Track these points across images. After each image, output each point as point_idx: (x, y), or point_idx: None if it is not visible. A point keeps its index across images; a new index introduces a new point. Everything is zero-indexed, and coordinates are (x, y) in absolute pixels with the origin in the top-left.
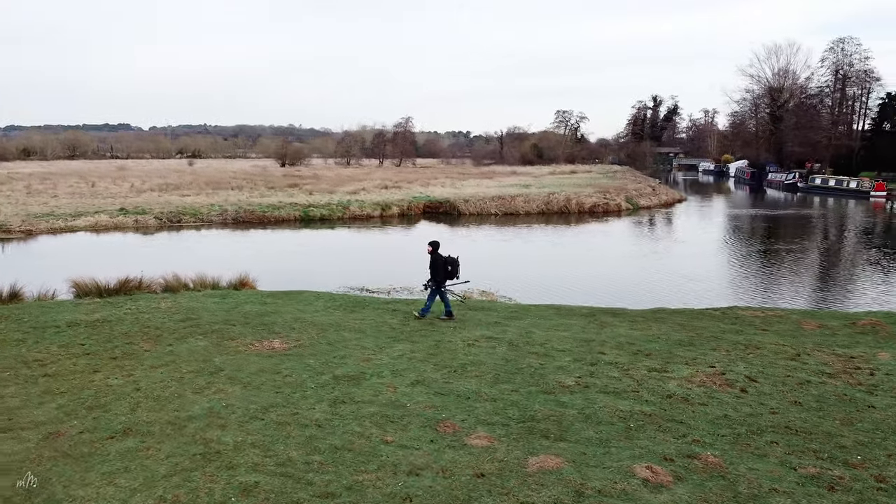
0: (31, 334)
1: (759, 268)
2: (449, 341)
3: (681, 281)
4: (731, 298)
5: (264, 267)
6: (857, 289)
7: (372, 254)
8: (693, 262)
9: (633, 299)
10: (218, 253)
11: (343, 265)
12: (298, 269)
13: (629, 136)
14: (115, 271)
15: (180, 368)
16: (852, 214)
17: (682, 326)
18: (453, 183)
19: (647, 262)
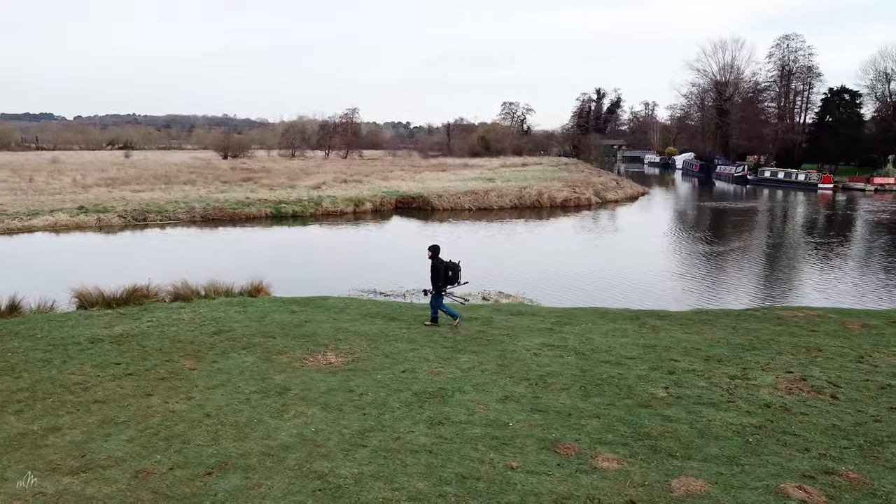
0: (55, 353)
1: (756, 263)
2: (513, 351)
3: (684, 279)
4: (753, 295)
5: (262, 269)
6: (863, 284)
7: (362, 252)
8: (690, 259)
9: (655, 298)
10: (200, 253)
11: (341, 266)
12: (299, 270)
13: (574, 128)
14: (103, 276)
15: (241, 389)
16: (810, 207)
17: (733, 329)
18: (412, 176)
19: (642, 258)
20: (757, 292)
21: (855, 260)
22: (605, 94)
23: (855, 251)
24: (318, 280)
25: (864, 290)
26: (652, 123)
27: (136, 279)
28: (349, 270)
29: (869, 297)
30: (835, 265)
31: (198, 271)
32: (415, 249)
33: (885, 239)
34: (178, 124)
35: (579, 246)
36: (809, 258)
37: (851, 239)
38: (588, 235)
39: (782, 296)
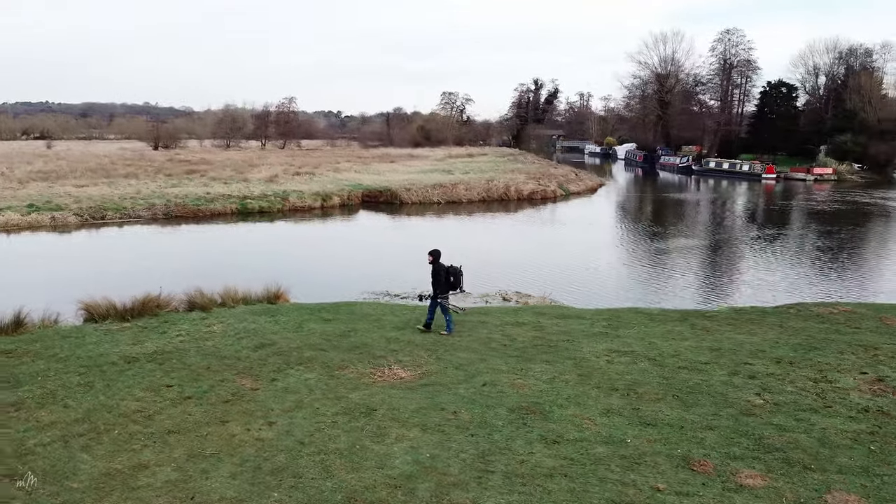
0: (92, 376)
1: (754, 256)
2: (584, 358)
3: (689, 274)
4: (768, 289)
5: (259, 271)
6: (856, 276)
7: (351, 250)
8: (690, 255)
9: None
10: (177, 253)
11: (338, 265)
12: (299, 272)
13: (514, 118)
14: (93, 283)
15: (321, 410)
16: (765, 197)
17: (782, 328)
18: (364, 168)
19: (639, 253)
20: (766, 286)
21: (835, 252)
22: (543, 85)
23: (834, 243)
24: (322, 282)
25: (847, 282)
26: (588, 114)
27: (135, 285)
28: (349, 271)
29: (858, 289)
30: (821, 257)
31: (192, 275)
32: (400, 245)
33: (857, 229)
34: (97, 113)
35: (566, 240)
36: (796, 250)
37: (826, 230)
38: (569, 229)
39: (796, 290)
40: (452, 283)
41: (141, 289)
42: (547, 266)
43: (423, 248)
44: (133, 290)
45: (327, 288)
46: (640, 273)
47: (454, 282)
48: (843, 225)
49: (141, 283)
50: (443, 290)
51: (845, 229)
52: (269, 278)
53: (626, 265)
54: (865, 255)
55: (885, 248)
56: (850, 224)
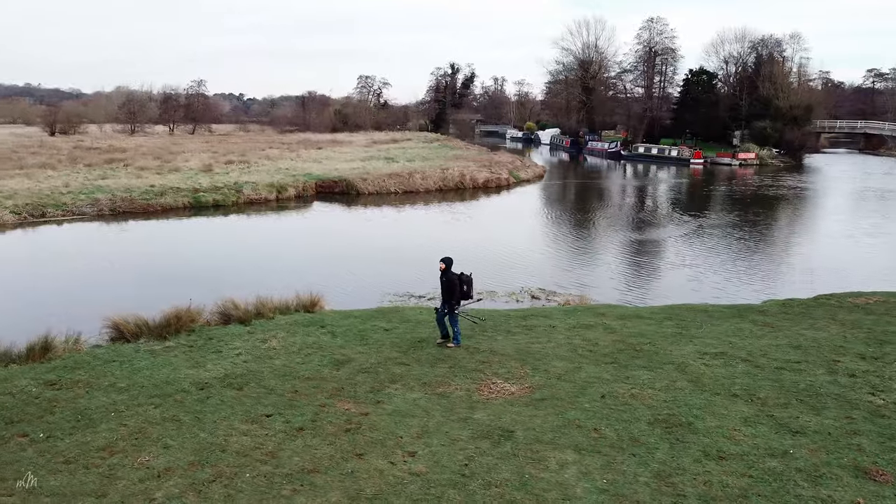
0: (171, 407)
1: (733, 243)
2: (681, 363)
3: (692, 267)
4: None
5: (256, 273)
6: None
7: (336, 247)
8: (689, 244)
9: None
10: (146, 253)
11: (334, 265)
12: (297, 273)
13: (433, 102)
14: (69, 293)
15: (453, 435)
16: (704, 182)
17: (836, 321)
18: (298, 155)
19: (632, 243)
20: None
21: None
22: (459, 69)
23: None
24: (330, 284)
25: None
26: (504, 98)
27: (124, 295)
28: (354, 270)
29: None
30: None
31: (179, 280)
32: (385, 239)
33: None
34: None
35: (549, 231)
36: (769, 235)
37: (782, 215)
38: (542, 218)
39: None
40: (466, 292)
41: (140, 297)
42: (552, 258)
43: (408, 242)
44: (127, 298)
45: (345, 290)
46: (656, 265)
47: (467, 291)
48: (802, 210)
49: (136, 291)
50: (457, 301)
51: (812, 214)
52: (253, 280)
53: (632, 257)
54: (824, 243)
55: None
56: (807, 208)
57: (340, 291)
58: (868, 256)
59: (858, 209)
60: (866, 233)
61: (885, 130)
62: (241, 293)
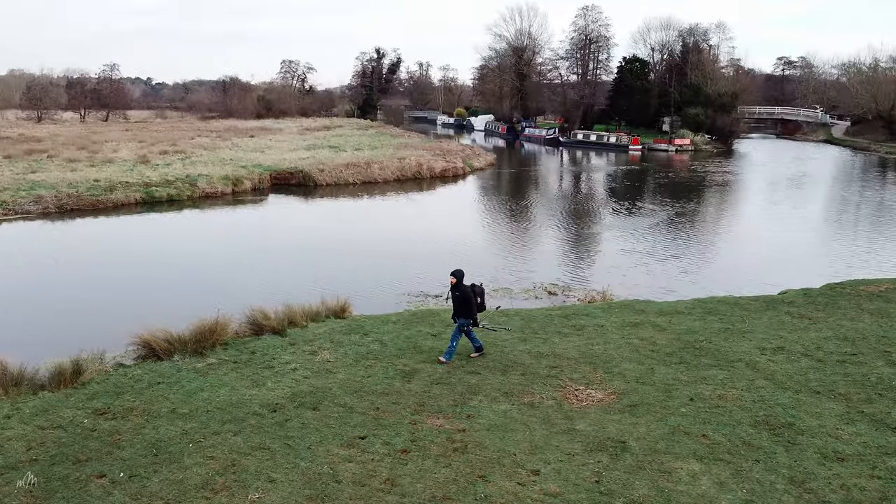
0: (252, 434)
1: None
2: (748, 361)
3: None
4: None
5: (248, 276)
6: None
7: (319, 243)
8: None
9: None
10: (108, 250)
11: (333, 267)
12: (296, 275)
13: (360, 87)
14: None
15: (566, 449)
16: (655, 169)
17: (862, 310)
18: (235, 144)
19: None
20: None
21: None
22: (385, 54)
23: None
24: (337, 286)
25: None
26: (431, 84)
27: (127, 302)
28: (348, 268)
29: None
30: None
31: (168, 285)
32: (364, 232)
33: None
34: None
35: (526, 222)
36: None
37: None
38: (513, 208)
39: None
40: (480, 304)
41: (131, 304)
42: (539, 250)
43: (389, 233)
44: (115, 305)
45: (352, 289)
46: (646, 255)
47: (481, 302)
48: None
49: (119, 296)
50: (474, 315)
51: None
52: (244, 282)
53: (618, 248)
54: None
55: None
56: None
57: (349, 291)
58: (833, 244)
59: (815, 194)
60: (831, 220)
61: (800, 116)
62: (238, 296)
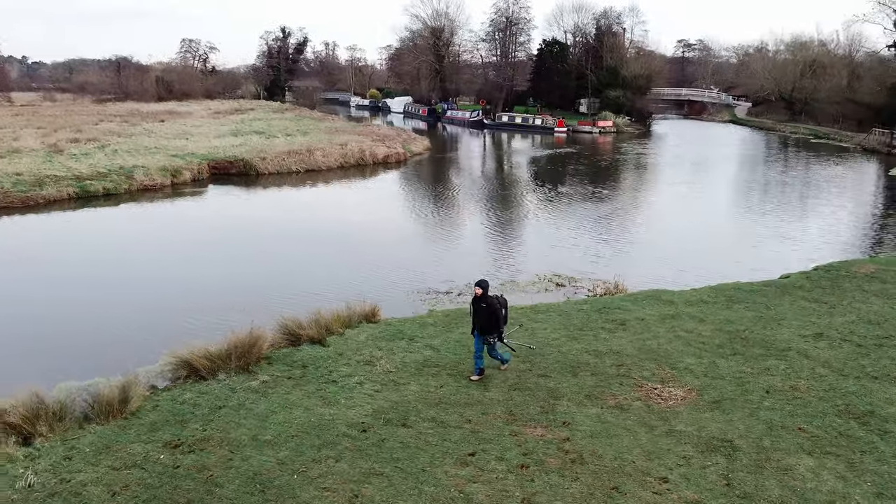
0: (358, 459)
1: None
2: (798, 348)
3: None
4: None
5: (238, 280)
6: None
7: (296, 240)
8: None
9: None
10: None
11: (321, 267)
12: (290, 276)
13: (266, 68)
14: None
15: (676, 451)
16: (581, 149)
17: (864, 291)
18: (149, 130)
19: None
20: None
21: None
22: (291, 34)
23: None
24: (342, 289)
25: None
26: (338, 65)
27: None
28: (328, 264)
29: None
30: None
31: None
32: (333, 223)
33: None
34: None
35: (493, 209)
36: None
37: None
38: (474, 193)
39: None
40: (504, 316)
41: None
42: (517, 238)
43: (370, 227)
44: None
45: (365, 290)
46: (619, 241)
47: (505, 315)
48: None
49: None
50: (501, 328)
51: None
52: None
53: (593, 232)
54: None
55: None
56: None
57: (347, 288)
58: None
59: (754, 173)
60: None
61: (705, 98)
62: (219, 297)
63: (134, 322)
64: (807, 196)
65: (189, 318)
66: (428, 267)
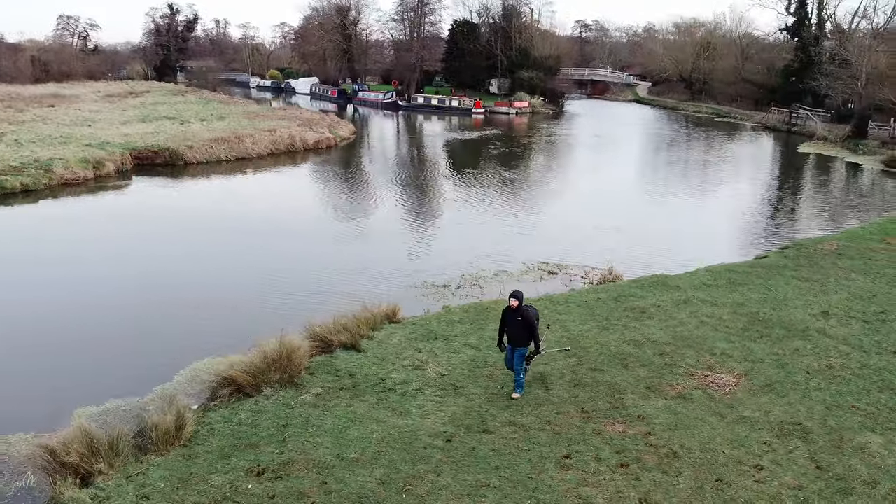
0: (460, 471)
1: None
2: (816, 327)
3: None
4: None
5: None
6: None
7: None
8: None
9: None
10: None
11: (301, 263)
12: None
13: (155, 47)
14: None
15: (765, 438)
16: (507, 131)
17: (839, 268)
18: (42, 116)
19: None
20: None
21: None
22: (179, 10)
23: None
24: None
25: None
26: (231, 43)
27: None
28: (341, 270)
29: None
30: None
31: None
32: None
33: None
34: None
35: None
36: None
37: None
38: (421, 180)
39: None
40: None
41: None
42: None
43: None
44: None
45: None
46: (575, 224)
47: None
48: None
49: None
50: (538, 340)
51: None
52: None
53: (546, 216)
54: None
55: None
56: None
57: (344, 281)
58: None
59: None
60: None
61: (607, 77)
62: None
63: (120, 331)
64: (739, 175)
65: (179, 323)
66: (409, 259)
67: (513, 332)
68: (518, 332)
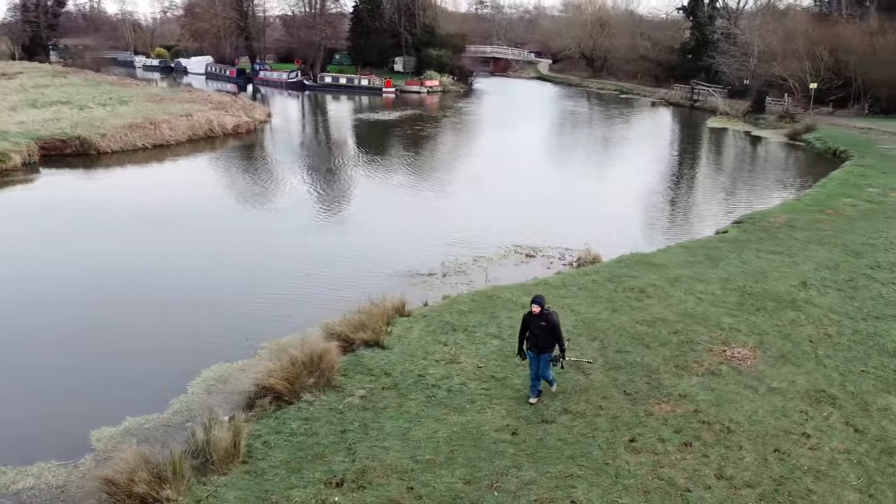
0: (542, 466)
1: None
2: (802, 298)
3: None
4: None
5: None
6: None
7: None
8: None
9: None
10: None
11: (269, 259)
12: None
13: (22, 23)
14: None
15: (801, 406)
16: (421, 111)
17: (795, 240)
18: None
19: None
20: None
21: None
22: None
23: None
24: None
25: None
26: (111, 20)
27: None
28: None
29: None
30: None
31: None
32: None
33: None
34: None
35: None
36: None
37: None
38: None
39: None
40: None
41: None
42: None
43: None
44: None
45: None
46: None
47: None
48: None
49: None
50: (563, 345)
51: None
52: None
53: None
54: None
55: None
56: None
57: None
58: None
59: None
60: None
61: (509, 55)
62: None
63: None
64: (659, 150)
65: (156, 325)
66: (374, 250)
67: (538, 338)
68: (543, 337)
